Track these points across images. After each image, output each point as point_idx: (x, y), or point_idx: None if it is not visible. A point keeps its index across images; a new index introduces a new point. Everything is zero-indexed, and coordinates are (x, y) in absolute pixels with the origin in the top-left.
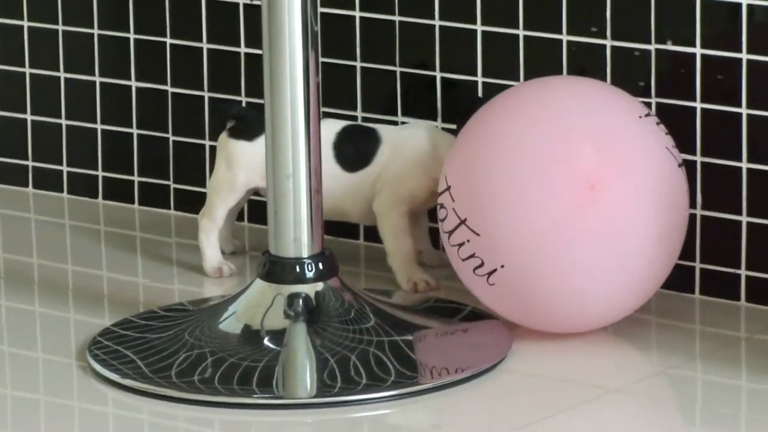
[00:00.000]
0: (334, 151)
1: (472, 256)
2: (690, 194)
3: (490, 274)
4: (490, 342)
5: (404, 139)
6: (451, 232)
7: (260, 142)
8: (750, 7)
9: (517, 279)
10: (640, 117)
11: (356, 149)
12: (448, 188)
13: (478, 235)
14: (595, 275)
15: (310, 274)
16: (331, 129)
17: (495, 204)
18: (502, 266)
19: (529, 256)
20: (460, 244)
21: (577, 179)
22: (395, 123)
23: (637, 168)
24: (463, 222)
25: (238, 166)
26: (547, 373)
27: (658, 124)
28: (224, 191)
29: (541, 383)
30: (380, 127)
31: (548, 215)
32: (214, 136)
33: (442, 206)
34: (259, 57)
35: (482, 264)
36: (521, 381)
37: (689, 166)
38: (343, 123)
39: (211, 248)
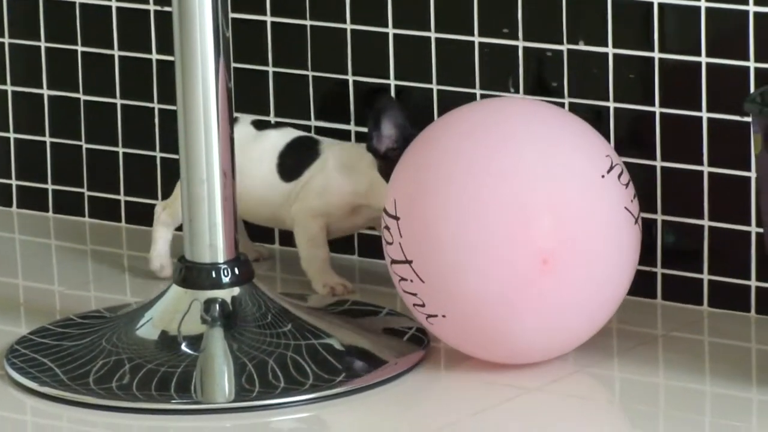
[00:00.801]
0: (278, 161)
1: (415, 295)
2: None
3: (430, 316)
4: (409, 343)
5: (331, 154)
6: (395, 262)
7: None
8: (661, 6)
9: (456, 329)
10: (603, 176)
11: (296, 160)
12: (397, 218)
13: (423, 282)
14: (537, 337)
15: (226, 279)
16: (283, 139)
17: (444, 260)
18: (444, 316)
19: (472, 315)
20: (404, 278)
21: (530, 253)
22: (308, 128)
23: (592, 240)
24: (409, 263)
25: None
26: (466, 373)
27: (620, 175)
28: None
29: (460, 383)
30: (324, 141)
31: (497, 283)
32: (127, 143)
33: (387, 229)
34: (172, 63)
35: (423, 305)
36: (440, 382)
37: None
38: (296, 134)
39: (163, 242)
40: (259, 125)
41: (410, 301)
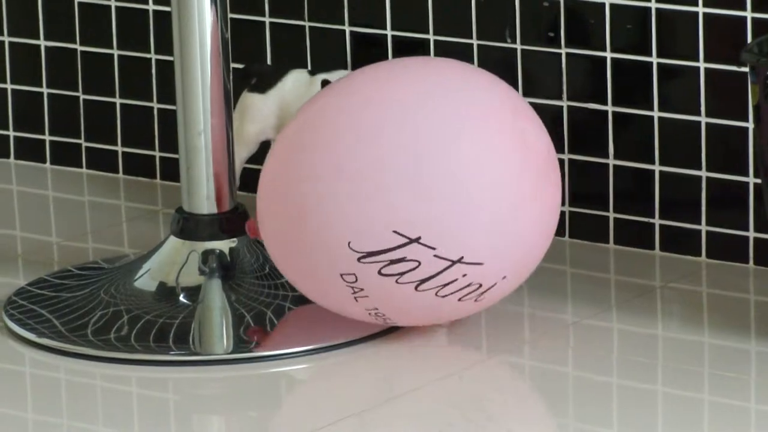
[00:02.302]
0: None
1: (467, 285)
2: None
3: (480, 292)
4: None
5: None
6: (430, 278)
7: (272, 94)
8: None
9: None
10: None
11: None
12: (480, 263)
13: (481, 263)
14: None
15: (223, 231)
16: (333, 80)
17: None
18: (504, 277)
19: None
20: (446, 283)
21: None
22: None
23: None
24: (457, 261)
25: (248, 118)
26: (464, 325)
27: None
28: (236, 144)
29: (460, 337)
30: None
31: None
32: (123, 94)
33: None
34: (169, 14)
35: (480, 286)
36: (435, 336)
37: (601, 114)
38: (347, 73)
39: None
40: (313, 72)
41: (458, 297)
